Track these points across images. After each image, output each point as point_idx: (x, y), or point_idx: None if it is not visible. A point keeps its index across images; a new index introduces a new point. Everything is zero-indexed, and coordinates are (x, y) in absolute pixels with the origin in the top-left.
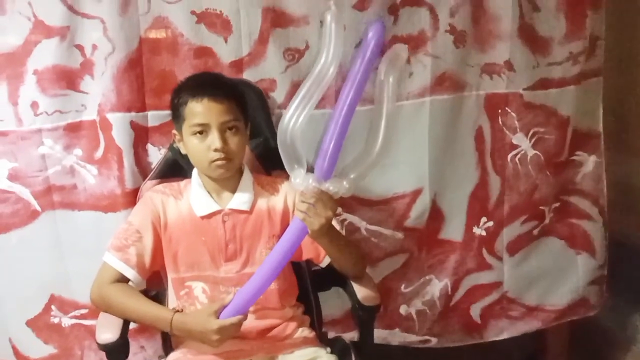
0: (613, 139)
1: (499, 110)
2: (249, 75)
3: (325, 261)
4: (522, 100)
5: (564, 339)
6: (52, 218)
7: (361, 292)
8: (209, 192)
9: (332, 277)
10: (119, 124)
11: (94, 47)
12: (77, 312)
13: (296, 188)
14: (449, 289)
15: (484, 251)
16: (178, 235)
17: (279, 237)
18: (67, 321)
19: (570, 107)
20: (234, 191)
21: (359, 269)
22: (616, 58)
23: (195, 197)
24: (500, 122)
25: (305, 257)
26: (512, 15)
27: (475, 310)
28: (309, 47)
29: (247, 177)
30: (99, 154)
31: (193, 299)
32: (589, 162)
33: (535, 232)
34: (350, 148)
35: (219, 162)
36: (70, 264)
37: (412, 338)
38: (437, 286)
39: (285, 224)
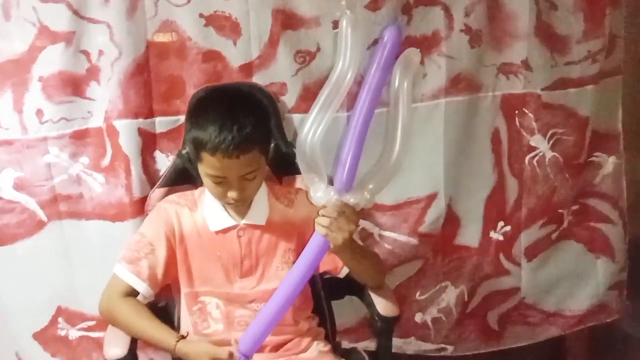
0: (631, 138)
1: (516, 112)
2: (258, 78)
3: (343, 272)
4: (540, 100)
5: (584, 345)
6: (58, 228)
7: (380, 302)
8: (223, 206)
9: (346, 286)
10: (126, 131)
11: (100, 52)
12: (84, 324)
13: (318, 202)
14: (466, 296)
15: (501, 256)
16: (193, 248)
17: (295, 251)
18: (74, 333)
19: (589, 107)
20: (249, 204)
21: (378, 279)
22: (635, 57)
23: (209, 211)
24: (518, 124)
25: (322, 269)
26: (529, 14)
27: (492, 317)
28: (321, 49)
29: (262, 189)
30: (105, 162)
31: (206, 315)
32: (609, 164)
33: (554, 236)
34: (367, 156)
35: (234, 204)
36: (77, 275)
37: (427, 347)
38: (453, 293)
39: (300, 237)
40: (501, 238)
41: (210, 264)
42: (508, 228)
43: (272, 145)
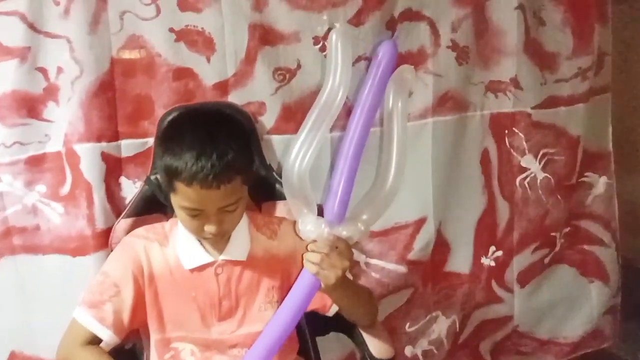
0: (619, 158)
1: (506, 131)
2: (235, 97)
3: (332, 310)
4: (530, 119)
5: None
6: (12, 264)
7: (373, 343)
8: (199, 240)
9: (333, 322)
10: (88, 156)
11: (59, 69)
12: None
13: (307, 236)
14: (457, 326)
15: (493, 283)
16: (165, 289)
17: (280, 288)
18: None
19: (579, 126)
20: (227, 238)
21: (371, 317)
22: (622, 74)
23: (183, 246)
24: (508, 144)
25: (309, 308)
26: (517, 30)
27: (484, 347)
28: (301, 66)
29: (243, 220)
30: (65, 190)
31: None
32: (600, 184)
33: (547, 260)
34: (358, 181)
35: (211, 240)
36: (33, 315)
37: None
38: (444, 323)
39: (285, 273)
40: (493, 264)
41: (184, 306)
42: (500, 253)
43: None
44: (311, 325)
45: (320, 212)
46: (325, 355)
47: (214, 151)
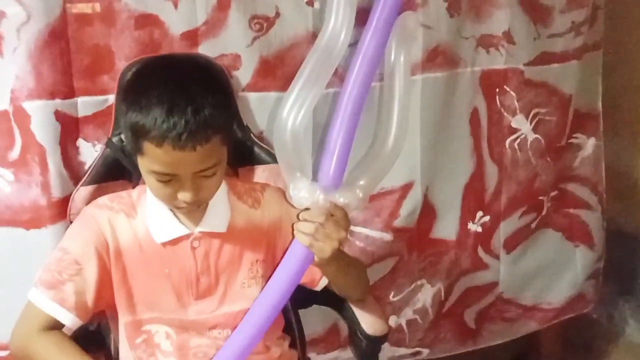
0: (608, 120)
1: (497, 89)
2: (206, 49)
3: (321, 284)
4: (523, 77)
5: (557, 336)
6: None
7: (365, 318)
8: (171, 210)
9: (317, 295)
10: (40, 115)
11: (1, 14)
12: None
13: (299, 204)
14: (442, 294)
15: (480, 249)
16: (134, 266)
17: (264, 262)
18: None
19: (572, 84)
20: (205, 206)
21: (363, 291)
22: (612, 32)
23: (153, 216)
24: (498, 103)
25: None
26: None
27: (469, 315)
28: (280, 14)
29: (221, 187)
30: (14, 154)
31: (153, 348)
32: (588, 146)
33: (533, 225)
34: (357, 144)
35: (187, 208)
36: None
37: (402, 352)
38: (429, 292)
39: (270, 246)
40: (480, 229)
41: (156, 285)
42: (487, 218)
43: None
44: (294, 299)
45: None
46: (307, 328)
47: (188, 104)
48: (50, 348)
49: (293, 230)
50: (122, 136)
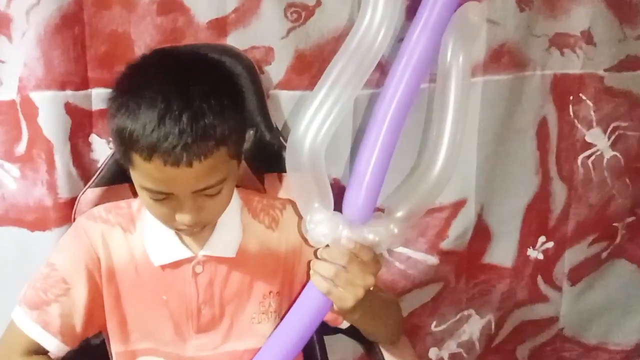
0: None
1: (571, 97)
2: (235, 40)
3: (346, 323)
4: (602, 84)
5: None
6: None
7: None
8: (173, 228)
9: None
10: (49, 107)
11: None
12: None
13: (317, 241)
14: (492, 327)
15: (539, 279)
16: (128, 289)
17: (279, 294)
18: None
19: None
20: (212, 225)
21: (395, 335)
22: None
23: (151, 234)
24: (572, 113)
25: None
26: None
27: (522, 352)
28: (321, 3)
29: (233, 203)
30: (20, 148)
31: None
32: None
33: (604, 255)
34: (394, 165)
35: (186, 233)
36: None
37: None
38: (477, 323)
39: (288, 275)
40: (541, 257)
41: (152, 313)
42: (550, 244)
43: (251, 132)
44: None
45: (338, 209)
46: (333, 355)
47: (184, 110)
48: None
49: (309, 269)
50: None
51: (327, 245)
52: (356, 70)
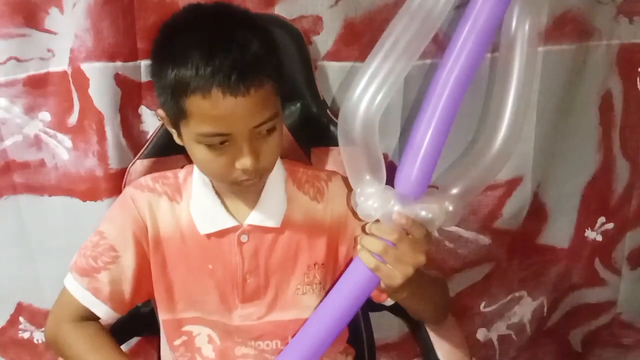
0: None
1: (639, 69)
2: (283, 9)
3: (390, 300)
4: None
5: None
6: (14, 205)
7: (442, 346)
8: (219, 197)
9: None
10: (99, 78)
11: None
12: None
13: (367, 215)
14: (545, 310)
15: (597, 261)
16: (174, 258)
17: (324, 266)
18: (39, 335)
19: None
20: (257, 195)
21: (441, 314)
22: None
23: (197, 203)
24: (639, 86)
25: None
26: None
27: (576, 337)
28: None
29: (278, 173)
30: (72, 119)
31: (194, 352)
32: None
33: None
34: (451, 138)
35: (247, 182)
36: (40, 264)
37: None
38: (529, 306)
39: (333, 247)
40: (600, 238)
41: (198, 282)
42: (610, 226)
43: (298, 105)
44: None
45: (389, 183)
46: (379, 331)
47: (231, 42)
48: (80, 341)
49: (356, 244)
50: (159, 110)
51: (377, 220)
52: (416, 33)
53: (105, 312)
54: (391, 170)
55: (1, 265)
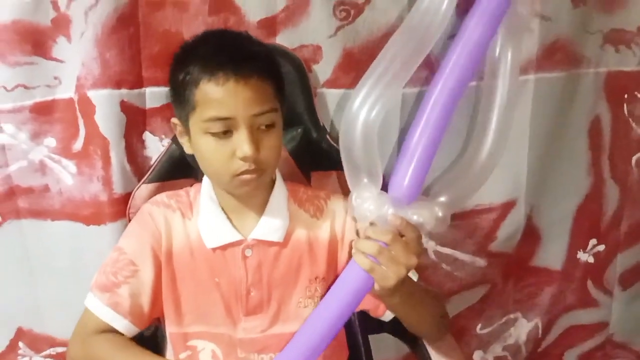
0: None
1: (625, 96)
2: (284, 39)
3: (388, 315)
4: None
5: None
6: (17, 230)
7: None
8: (224, 212)
9: (389, 323)
10: (105, 105)
11: None
12: (52, 350)
13: (362, 216)
14: (540, 331)
15: (589, 283)
16: (183, 271)
17: (325, 280)
18: None
19: None
20: (261, 211)
21: (438, 330)
22: None
23: (205, 218)
24: (626, 112)
25: (358, 308)
26: None
27: (570, 357)
28: (371, 0)
29: (280, 191)
30: (78, 145)
31: None
32: None
33: None
34: (442, 151)
35: (246, 176)
36: (41, 289)
37: None
38: (524, 327)
39: (332, 262)
40: (592, 260)
41: (205, 295)
42: (601, 247)
43: (299, 130)
44: (362, 322)
45: (384, 189)
46: (378, 354)
47: (235, 40)
48: (108, 345)
49: (351, 248)
50: (174, 120)
51: (371, 224)
52: (409, 57)
53: (125, 327)
54: (385, 184)
55: (3, 290)
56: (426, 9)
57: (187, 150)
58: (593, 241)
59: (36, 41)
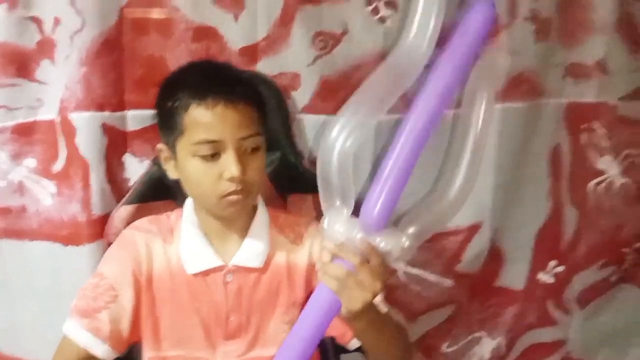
0: None
1: (584, 125)
2: (264, 66)
3: (353, 344)
4: (616, 113)
5: None
6: None
7: None
8: (206, 237)
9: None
10: (87, 127)
11: (57, 21)
12: None
13: (332, 238)
14: (503, 349)
15: (549, 303)
16: (163, 296)
17: (302, 305)
18: None
19: None
20: (243, 235)
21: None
22: None
23: (186, 244)
24: (584, 141)
25: (328, 333)
26: (611, 2)
27: None
28: (348, 31)
29: (263, 215)
30: (57, 166)
31: None
32: None
33: (613, 279)
34: (415, 183)
35: (233, 197)
36: (18, 311)
37: None
38: (488, 345)
39: (309, 287)
40: (551, 280)
41: (185, 319)
42: (561, 269)
43: (277, 154)
44: (334, 342)
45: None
46: None
47: (219, 69)
48: None
49: (317, 271)
50: (159, 145)
51: (341, 246)
52: (390, 89)
53: (104, 352)
54: (357, 211)
55: None
56: (408, 47)
57: (172, 175)
58: (553, 262)
59: (20, 63)
